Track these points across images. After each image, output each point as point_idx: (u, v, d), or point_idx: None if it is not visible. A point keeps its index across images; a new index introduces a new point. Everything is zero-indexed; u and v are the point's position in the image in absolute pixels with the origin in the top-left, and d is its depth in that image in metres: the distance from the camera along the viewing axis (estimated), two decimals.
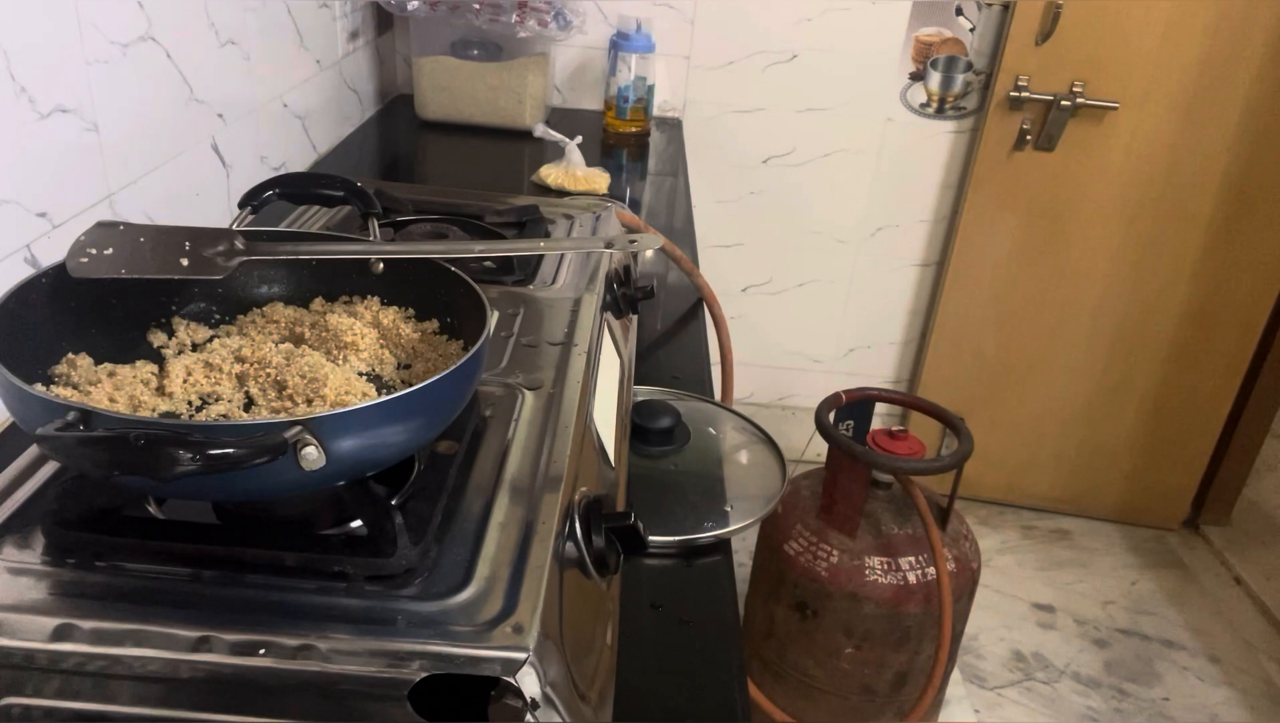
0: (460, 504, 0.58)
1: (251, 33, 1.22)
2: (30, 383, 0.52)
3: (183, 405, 0.60)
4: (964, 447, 1.56)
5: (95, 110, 0.88)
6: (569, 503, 0.60)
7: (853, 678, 1.63)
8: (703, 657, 0.71)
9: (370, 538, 0.55)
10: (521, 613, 0.49)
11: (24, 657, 0.46)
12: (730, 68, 2.09)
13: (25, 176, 0.79)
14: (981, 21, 2.05)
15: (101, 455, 0.44)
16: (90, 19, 0.86)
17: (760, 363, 2.45)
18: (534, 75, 1.76)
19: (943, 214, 2.25)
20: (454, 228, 1.01)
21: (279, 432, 0.46)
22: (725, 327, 1.39)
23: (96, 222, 0.65)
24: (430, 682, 0.46)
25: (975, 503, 2.49)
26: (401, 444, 0.54)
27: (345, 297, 0.73)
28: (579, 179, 1.49)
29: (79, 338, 0.62)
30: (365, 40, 1.78)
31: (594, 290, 0.90)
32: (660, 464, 0.92)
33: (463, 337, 0.67)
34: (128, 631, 0.47)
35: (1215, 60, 1.99)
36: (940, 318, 2.32)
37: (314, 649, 0.46)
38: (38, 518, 0.54)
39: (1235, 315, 2.22)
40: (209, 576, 0.51)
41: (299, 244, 0.70)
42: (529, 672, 0.46)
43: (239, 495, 0.56)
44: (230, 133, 1.18)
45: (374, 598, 0.50)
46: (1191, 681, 2.04)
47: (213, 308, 0.71)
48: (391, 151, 1.76)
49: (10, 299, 0.57)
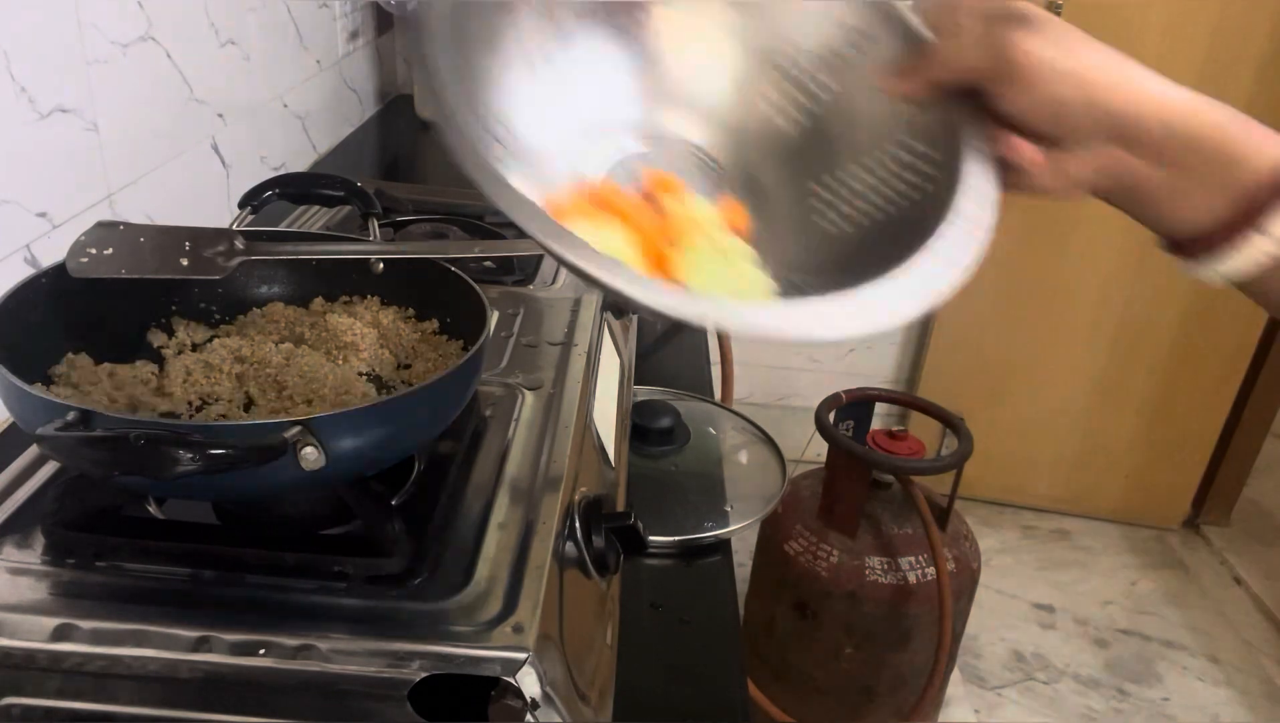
0: (460, 504, 0.58)
1: (251, 33, 1.22)
2: (30, 383, 0.52)
3: (183, 405, 0.60)
4: (964, 447, 1.56)
5: (95, 110, 0.88)
6: (569, 503, 0.60)
7: (853, 678, 1.63)
8: (703, 657, 0.71)
9: (370, 538, 0.55)
10: (521, 613, 0.49)
11: (24, 657, 0.46)
12: None
13: (25, 177, 0.79)
14: None
15: (101, 455, 0.44)
16: (90, 19, 0.86)
17: (760, 363, 2.45)
18: None
19: None
20: (454, 228, 1.01)
21: (279, 432, 0.46)
22: None
23: (96, 222, 0.65)
24: (430, 682, 0.46)
25: (975, 503, 2.49)
26: (401, 444, 0.54)
27: (345, 297, 0.73)
28: None
29: (79, 338, 0.62)
30: (365, 40, 1.78)
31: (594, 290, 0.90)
32: (660, 464, 0.92)
33: (463, 337, 0.67)
34: (128, 631, 0.47)
35: (1216, 60, 1.99)
36: (940, 318, 2.32)
37: (314, 649, 0.46)
38: (38, 518, 0.54)
39: (1235, 315, 2.22)
40: (209, 576, 0.51)
41: (299, 244, 0.70)
42: (529, 672, 0.46)
43: (239, 495, 0.56)
44: (230, 133, 1.18)
45: (374, 598, 0.50)
46: (1191, 681, 2.04)
47: (213, 308, 0.71)
48: (391, 151, 1.76)
49: (10, 299, 0.57)
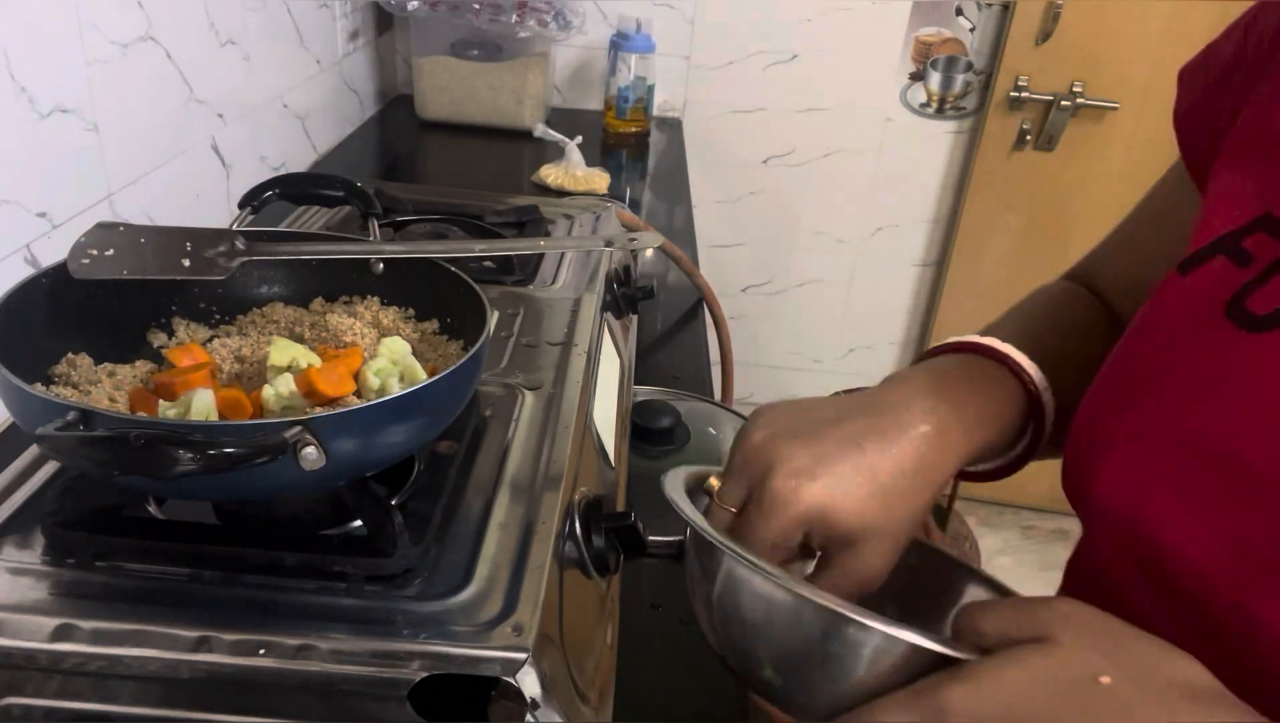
0: (460, 504, 0.58)
1: (251, 33, 1.22)
2: (30, 383, 0.52)
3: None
4: None
5: (95, 110, 0.88)
6: (569, 503, 0.60)
7: None
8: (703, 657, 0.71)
9: (370, 538, 0.55)
10: (521, 613, 0.49)
11: (24, 657, 0.46)
12: (730, 68, 2.09)
13: (25, 177, 0.79)
14: (981, 21, 2.05)
15: (102, 455, 0.44)
16: (90, 19, 0.86)
17: (760, 363, 2.45)
18: (534, 75, 1.76)
19: (943, 214, 2.25)
20: (454, 228, 1.01)
21: (279, 432, 0.46)
22: (725, 327, 1.39)
23: (96, 222, 0.65)
24: (430, 682, 0.46)
25: (975, 503, 2.49)
26: (401, 444, 0.54)
27: (345, 297, 0.73)
28: (579, 179, 1.49)
29: (79, 338, 0.62)
30: (365, 40, 1.78)
31: (594, 290, 0.90)
32: (660, 464, 0.92)
33: (463, 337, 0.67)
34: (128, 631, 0.47)
35: None
36: (940, 318, 2.32)
37: (314, 649, 0.46)
38: (38, 518, 0.54)
39: None
40: (209, 576, 0.51)
41: (299, 244, 0.70)
42: (529, 672, 0.46)
43: (239, 495, 0.56)
44: (230, 133, 1.18)
45: (374, 598, 0.50)
46: None
47: (213, 308, 0.71)
48: (391, 151, 1.76)
49: (10, 299, 0.57)
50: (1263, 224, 0.42)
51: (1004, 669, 0.34)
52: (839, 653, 0.36)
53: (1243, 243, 0.42)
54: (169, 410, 0.55)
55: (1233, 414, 0.39)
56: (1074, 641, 0.33)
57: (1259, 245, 0.41)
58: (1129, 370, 0.45)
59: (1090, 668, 0.32)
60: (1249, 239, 0.42)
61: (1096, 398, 0.46)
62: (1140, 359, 0.45)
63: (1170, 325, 0.44)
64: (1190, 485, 0.40)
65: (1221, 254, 0.43)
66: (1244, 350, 0.39)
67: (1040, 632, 0.34)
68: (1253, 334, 0.39)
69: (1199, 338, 0.41)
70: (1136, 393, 0.43)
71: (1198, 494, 0.40)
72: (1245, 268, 0.41)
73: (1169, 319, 0.44)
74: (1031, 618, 0.34)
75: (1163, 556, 0.40)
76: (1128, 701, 0.32)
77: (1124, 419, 0.43)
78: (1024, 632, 0.34)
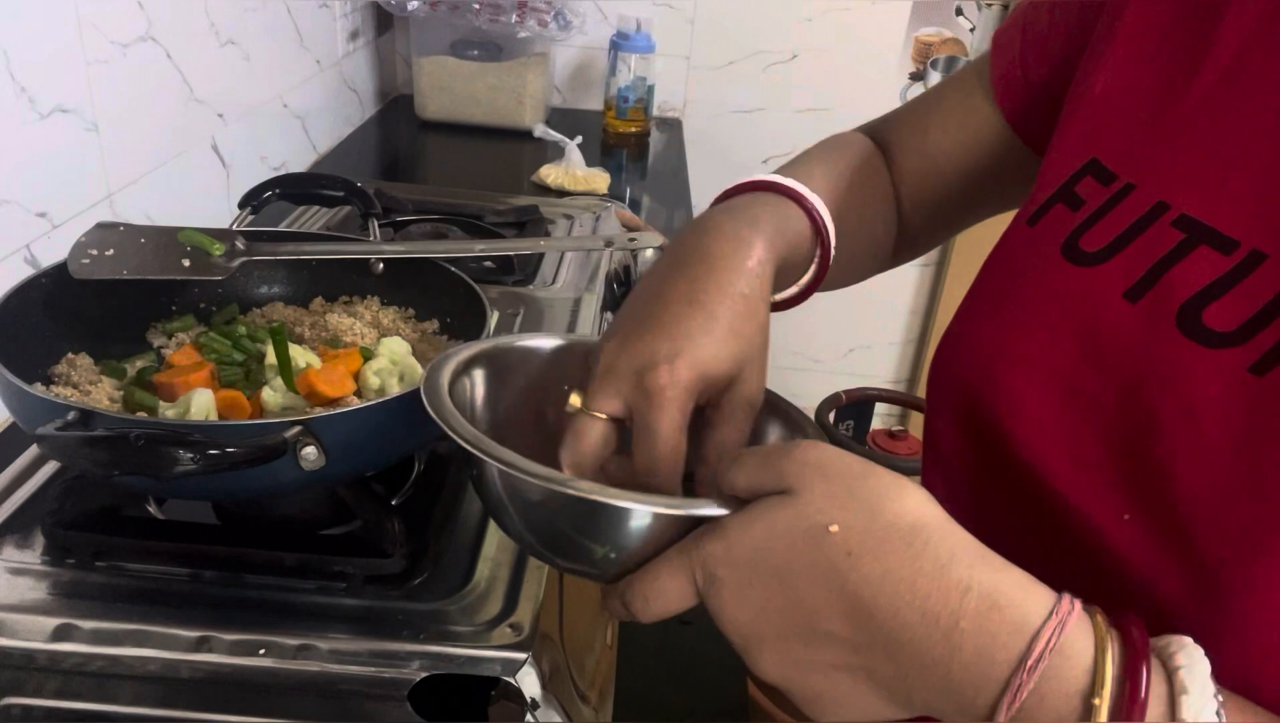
0: (460, 504, 0.58)
1: (251, 33, 1.22)
2: (30, 383, 0.52)
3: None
4: None
5: (95, 110, 0.88)
6: None
7: None
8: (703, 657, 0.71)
9: (370, 538, 0.55)
10: (521, 613, 0.49)
11: (24, 657, 0.46)
12: (730, 68, 2.09)
13: (25, 176, 0.79)
14: (981, 21, 2.05)
15: (101, 455, 0.44)
16: (90, 19, 0.86)
17: None
18: (534, 75, 1.76)
19: None
20: (454, 228, 1.01)
21: (279, 432, 0.46)
22: None
23: (96, 223, 0.65)
24: (430, 682, 0.46)
25: None
26: (401, 444, 0.54)
27: (345, 297, 0.73)
28: (579, 179, 1.49)
29: (79, 338, 0.62)
30: (365, 40, 1.78)
31: (594, 290, 0.90)
32: None
33: (463, 337, 0.67)
34: (128, 631, 0.47)
35: None
36: (940, 318, 2.32)
37: (314, 649, 0.47)
38: (38, 518, 0.54)
39: None
40: (209, 576, 0.51)
41: (299, 244, 0.70)
42: (529, 672, 0.46)
43: (239, 495, 0.56)
44: (230, 133, 1.18)
45: (374, 598, 0.50)
46: None
47: (212, 308, 0.71)
48: (391, 151, 1.76)
49: (10, 299, 0.57)
50: (1090, 169, 0.46)
51: (749, 524, 0.35)
52: (614, 533, 0.39)
53: (1075, 188, 0.47)
54: (169, 410, 0.55)
55: (1059, 337, 0.44)
56: (810, 489, 0.35)
57: (1088, 190, 0.46)
58: (975, 309, 0.50)
59: (823, 517, 0.34)
60: (1079, 185, 0.47)
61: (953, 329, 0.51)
62: (984, 298, 0.50)
63: (1014, 266, 0.49)
64: (1031, 398, 0.44)
65: (1060, 202, 0.47)
66: (1073, 281, 0.44)
67: (783, 483, 0.35)
68: (1080, 268, 0.44)
69: (1037, 276, 0.46)
70: (976, 321, 0.49)
71: (1037, 405, 0.44)
72: (1078, 211, 0.46)
73: (1017, 263, 0.49)
74: (776, 469, 0.36)
75: (1007, 441, 0.45)
76: (850, 548, 0.33)
77: (977, 345, 0.48)
78: (770, 484, 0.36)
